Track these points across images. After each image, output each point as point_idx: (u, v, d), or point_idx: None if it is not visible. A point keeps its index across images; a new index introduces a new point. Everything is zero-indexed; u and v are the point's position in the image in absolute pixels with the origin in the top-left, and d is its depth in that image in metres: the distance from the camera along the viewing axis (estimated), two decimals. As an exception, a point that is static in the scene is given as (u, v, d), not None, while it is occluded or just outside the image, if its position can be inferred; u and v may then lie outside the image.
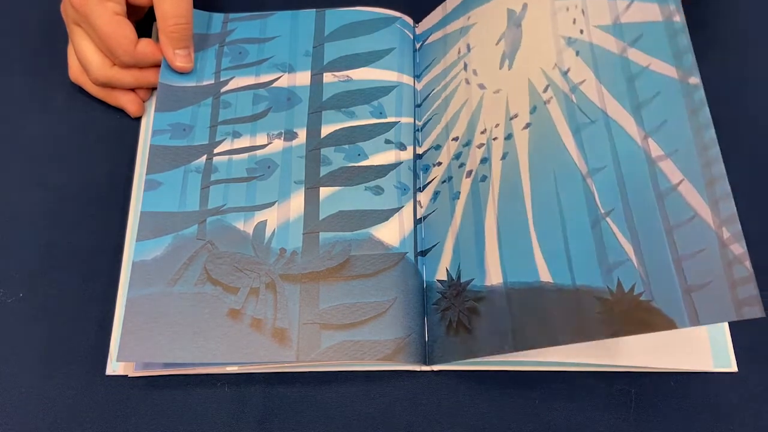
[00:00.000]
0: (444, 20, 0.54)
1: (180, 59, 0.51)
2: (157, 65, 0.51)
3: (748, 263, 0.33)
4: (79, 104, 0.53)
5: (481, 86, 0.48)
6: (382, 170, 0.48)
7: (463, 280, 0.44)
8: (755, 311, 0.32)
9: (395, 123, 0.50)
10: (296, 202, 0.47)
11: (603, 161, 0.40)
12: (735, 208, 0.34)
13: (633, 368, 0.44)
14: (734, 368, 0.45)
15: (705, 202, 0.35)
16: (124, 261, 0.48)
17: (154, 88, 0.52)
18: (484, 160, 0.46)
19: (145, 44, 0.50)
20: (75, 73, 0.52)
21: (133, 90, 0.52)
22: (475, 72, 0.49)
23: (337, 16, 0.54)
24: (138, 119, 0.53)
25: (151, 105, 0.52)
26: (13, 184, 0.51)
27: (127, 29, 0.49)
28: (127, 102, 0.52)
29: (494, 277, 0.42)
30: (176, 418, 0.44)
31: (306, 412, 0.44)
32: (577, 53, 0.43)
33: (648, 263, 0.36)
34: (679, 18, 0.39)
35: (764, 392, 0.45)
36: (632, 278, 0.36)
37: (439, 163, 0.49)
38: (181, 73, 0.51)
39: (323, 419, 0.44)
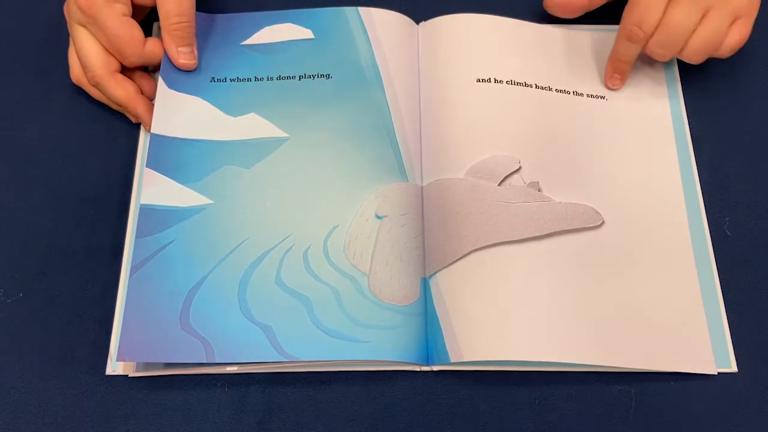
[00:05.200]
0: None
1: (183, 57, 0.51)
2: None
3: None
4: (79, 105, 0.53)
5: None
6: None
7: None
8: None
9: None
10: None
11: None
12: None
13: (633, 369, 0.44)
14: (734, 368, 0.45)
15: None
16: (124, 261, 0.48)
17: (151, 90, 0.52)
18: None
19: (153, 43, 0.51)
20: (76, 74, 0.52)
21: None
22: None
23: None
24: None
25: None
26: (13, 184, 0.51)
27: (135, 30, 0.50)
28: None
29: None
30: (176, 418, 0.44)
31: (306, 412, 0.44)
32: None
33: None
34: None
35: (764, 392, 0.45)
36: None
37: None
38: (184, 70, 0.52)
39: (323, 419, 0.44)
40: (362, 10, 0.55)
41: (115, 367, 0.45)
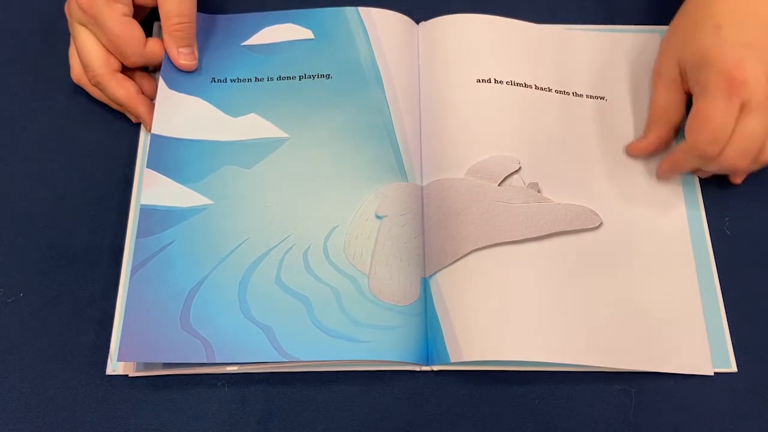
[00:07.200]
0: None
1: (183, 57, 0.51)
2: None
3: None
4: (79, 105, 0.53)
5: None
6: None
7: None
8: None
9: None
10: None
11: None
12: None
13: (632, 369, 0.44)
14: (734, 368, 0.45)
15: None
16: (124, 261, 0.48)
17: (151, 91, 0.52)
18: None
19: (154, 43, 0.51)
20: (77, 74, 0.52)
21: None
22: None
23: None
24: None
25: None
26: (13, 184, 0.51)
27: (136, 30, 0.50)
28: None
29: None
30: (176, 418, 0.44)
31: (306, 412, 0.44)
32: None
33: None
34: None
35: (764, 392, 0.45)
36: None
37: None
38: (185, 71, 0.52)
39: (323, 419, 0.44)
40: (362, 10, 0.55)
41: (115, 367, 0.45)
